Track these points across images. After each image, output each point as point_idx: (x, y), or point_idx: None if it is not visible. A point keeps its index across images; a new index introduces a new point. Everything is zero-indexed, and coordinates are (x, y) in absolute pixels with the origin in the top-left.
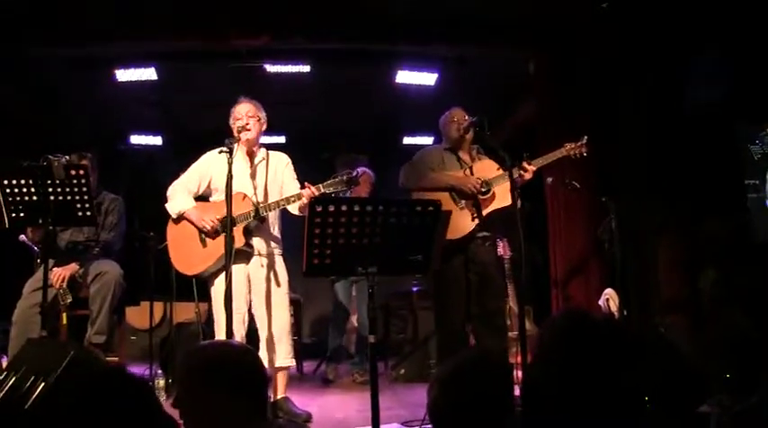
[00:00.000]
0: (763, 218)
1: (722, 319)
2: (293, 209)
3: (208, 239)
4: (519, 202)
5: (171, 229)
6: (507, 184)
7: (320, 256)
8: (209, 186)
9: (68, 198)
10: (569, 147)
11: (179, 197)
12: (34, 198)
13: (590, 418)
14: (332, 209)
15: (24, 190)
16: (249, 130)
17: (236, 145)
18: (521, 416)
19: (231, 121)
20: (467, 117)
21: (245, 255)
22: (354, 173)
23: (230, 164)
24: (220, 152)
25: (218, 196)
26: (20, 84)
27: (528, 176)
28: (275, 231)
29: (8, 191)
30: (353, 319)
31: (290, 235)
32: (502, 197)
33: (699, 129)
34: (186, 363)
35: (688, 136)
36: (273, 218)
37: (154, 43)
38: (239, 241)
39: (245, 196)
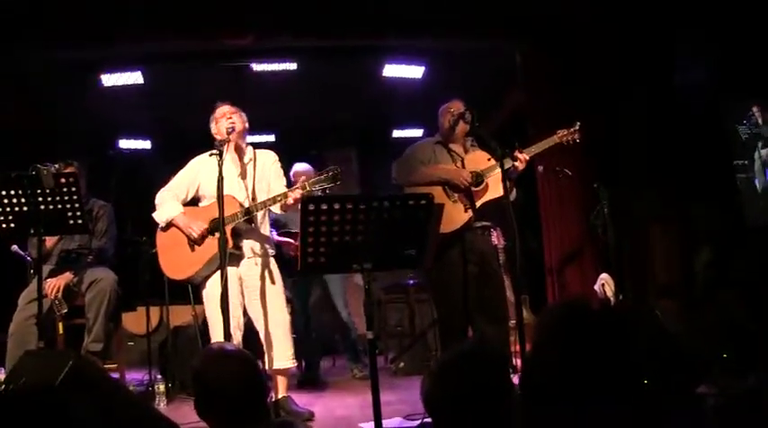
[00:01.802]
0: (751, 198)
1: (715, 302)
2: (275, 208)
3: (196, 244)
4: (514, 193)
5: (160, 235)
6: (500, 174)
7: (315, 255)
8: (197, 192)
9: (59, 206)
10: (562, 133)
11: (166, 205)
12: (24, 208)
13: (589, 404)
14: (324, 207)
15: (14, 200)
16: (235, 124)
17: (225, 146)
18: (520, 405)
19: (213, 126)
20: (462, 109)
21: (235, 258)
22: (338, 169)
23: (220, 166)
24: (211, 155)
25: (207, 201)
26: (5, 91)
27: (521, 166)
28: (265, 231)
29: None
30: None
31: None
32: (495, 188)
33: (686, 111)
34: (194, 374)
35: (676, 118)
36: (262, 218)
37: (138, 46)
38: (228, 243)
39: (233, 198)
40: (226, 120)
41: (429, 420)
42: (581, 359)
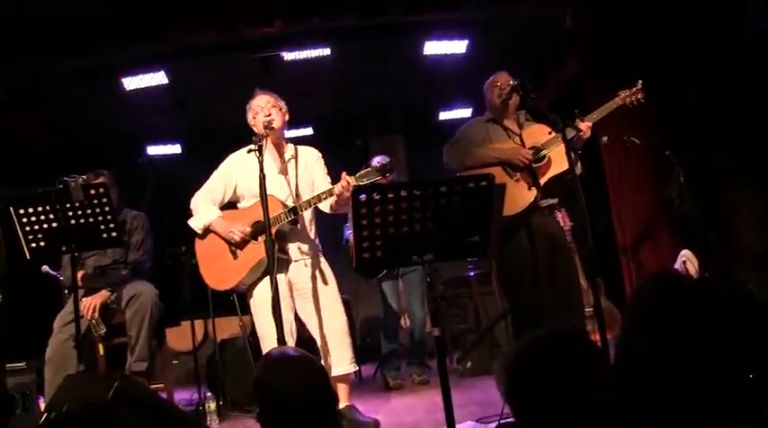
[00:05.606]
0: None
1: None
2: (325, 207)
3: (238, 250)
4: (579, 166)
5: (198, 244)
6: (563, 147)
7: (370, 250)
8: (234, 192)
9: (91, 220)
10: (624, 94)
11: (203, 210)
12: (54, 224)
13: (687, 393)
14: (377, 197)
15: (42, 217)
16: (273, 120)
17: (264, 141)
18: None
19: (251, 117)
20: (511, 81)
21: (282, 263)
22: (389, 160)
23: (261, 162)
24: (249, 151)
25: (247, 202)
26: (25, 104)
27: (586, 135)
28: (311, 234)
29: (25, 220)
30: (405, 317)
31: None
32: (559, 161)
33: (761, 61)
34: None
35: (751, 70)
36: (308, 219)
37: (162, 42)
38: (274, 245)
39: (273, 197)
40: (263, 115)
41: (506, 421)
42: (676, 340)
